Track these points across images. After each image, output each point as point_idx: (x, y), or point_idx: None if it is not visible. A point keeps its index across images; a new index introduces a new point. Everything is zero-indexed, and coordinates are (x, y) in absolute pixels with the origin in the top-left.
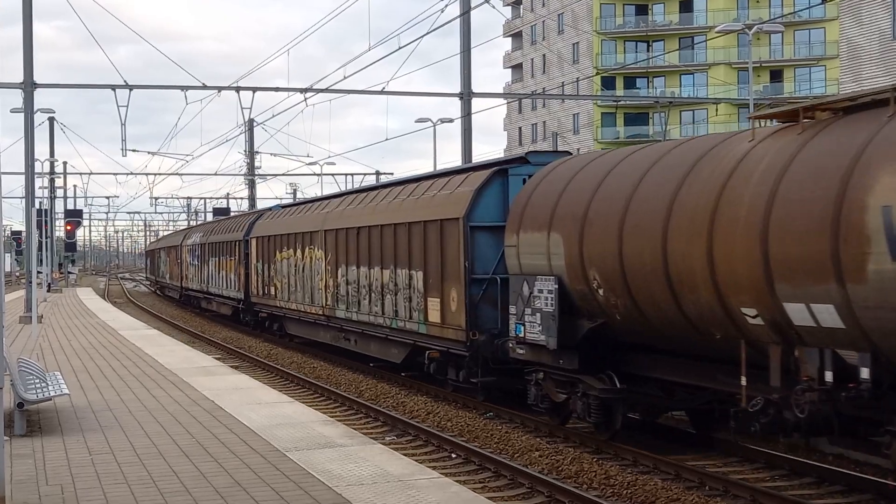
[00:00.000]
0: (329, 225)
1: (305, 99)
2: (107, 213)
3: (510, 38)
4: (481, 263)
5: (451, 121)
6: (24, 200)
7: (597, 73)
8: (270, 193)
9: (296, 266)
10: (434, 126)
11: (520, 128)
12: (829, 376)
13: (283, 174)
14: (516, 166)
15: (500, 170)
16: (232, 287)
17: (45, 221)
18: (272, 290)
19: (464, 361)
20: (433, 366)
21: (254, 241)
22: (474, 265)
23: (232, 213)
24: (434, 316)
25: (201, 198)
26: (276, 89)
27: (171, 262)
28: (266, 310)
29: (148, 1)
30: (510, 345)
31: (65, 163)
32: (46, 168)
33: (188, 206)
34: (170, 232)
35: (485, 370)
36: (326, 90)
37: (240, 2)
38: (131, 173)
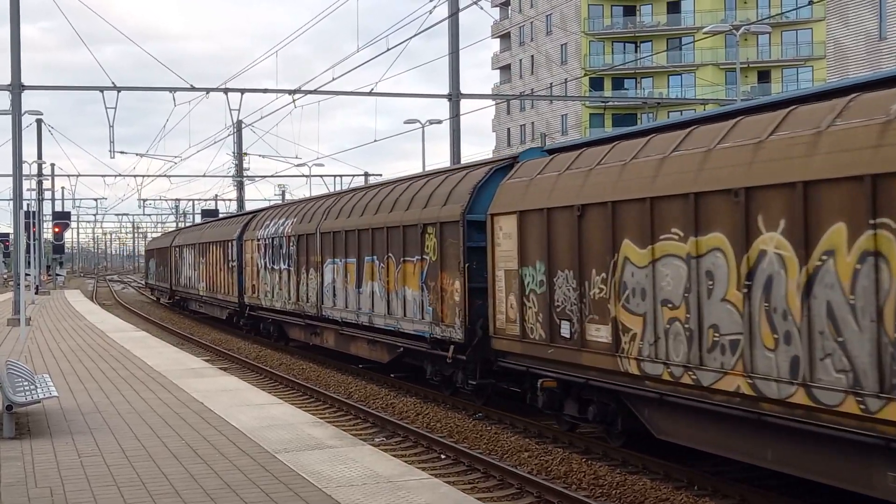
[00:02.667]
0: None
1: (294, 100)
2: (95, 215)
3: (498, 39)
4: None
5: (439, 122)
6: (11, 202)
7: (585, 74)
8: (259, 195)
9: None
10: (423, 127)
11: (508, 129)
12: None
13: (272, 176)
14: None
15: None
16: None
17: (33, 223)
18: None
19: None
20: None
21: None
22: None
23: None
24: None
25: (190, 199)
26: (265, 91)
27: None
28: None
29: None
30: None
31: (52, 164)
32: (34, 170)
33: (176, 207)
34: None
35: None
36: (315, 91)
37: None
38: (119, 175)
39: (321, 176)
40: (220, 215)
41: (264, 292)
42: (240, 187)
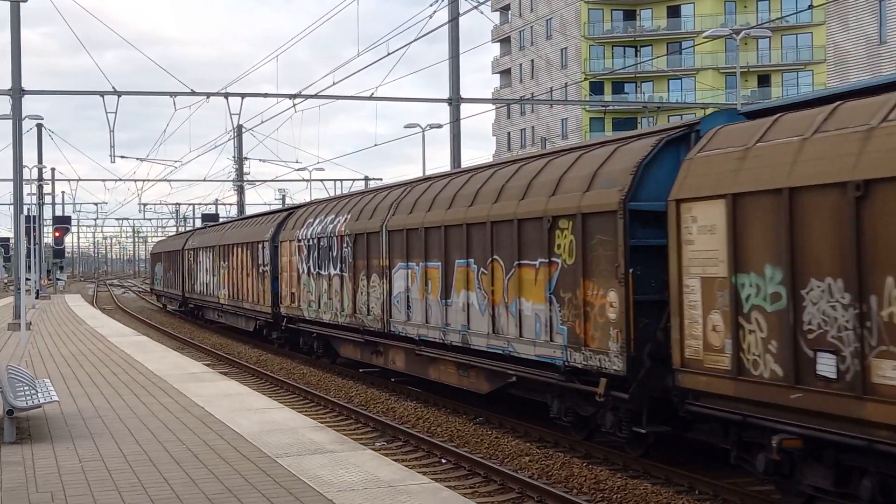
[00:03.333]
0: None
1: (294, 105)
2: (95, 219)
3: (499, 44)
4: None
5: (440, 126)
6: (12, 207)
7: (585, 79)
8: (260, 199)
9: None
10: (423, 131)
11: (508, 133)
12: None
13: (273, 180)
14: None
15: None
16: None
17: (34, 228)
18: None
19: None
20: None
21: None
22: None
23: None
24: None
25: (190, 204)
26: (265, 95)
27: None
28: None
29: (134, 6)
30: None
31: (53, 169)
32: (35, 175)
33: (177, 212)
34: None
35: None
36: (315, 96)
37: (226, 6)
38: (120, 179)
39: (322, 180)
40: (246, 214)
41: (307, 302)
42: (240, 192)
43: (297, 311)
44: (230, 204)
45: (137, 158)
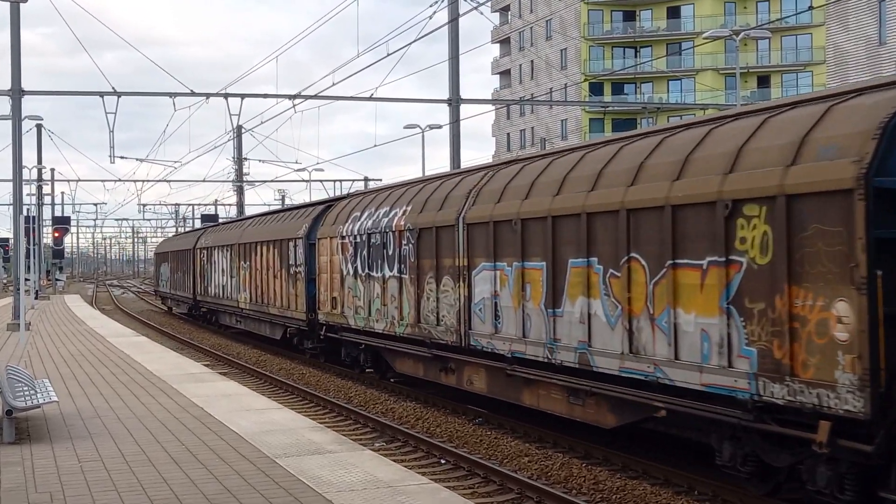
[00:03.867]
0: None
1: (294, 105)
2: (95, 219)
3: (498, 45)
4: None
5: (439, 127)
6: (11, 207)
7: (585, 79)
8: (259, 200)
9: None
10: (423, 132)
11: (508, 134)
12: None
13: (272, 181)
14: None
15: None
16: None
17: (33, 228)
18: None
19: None
20: None
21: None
22: None
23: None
24: None
25: (189, 204)
26: (265, 96)
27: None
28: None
29: (134, 6)
30: None
31: (52, 169)
32: (34, 175)
33: (176, 212)
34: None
35: None
36: (315, 97)
37: (226, 7)
38: (119, 180)
39: (321, 181)
40: (271, 209)
41: (353, 308)
42: (240, 192)
43: (340, 319)
44: (230, 204)
45: (137, 159)
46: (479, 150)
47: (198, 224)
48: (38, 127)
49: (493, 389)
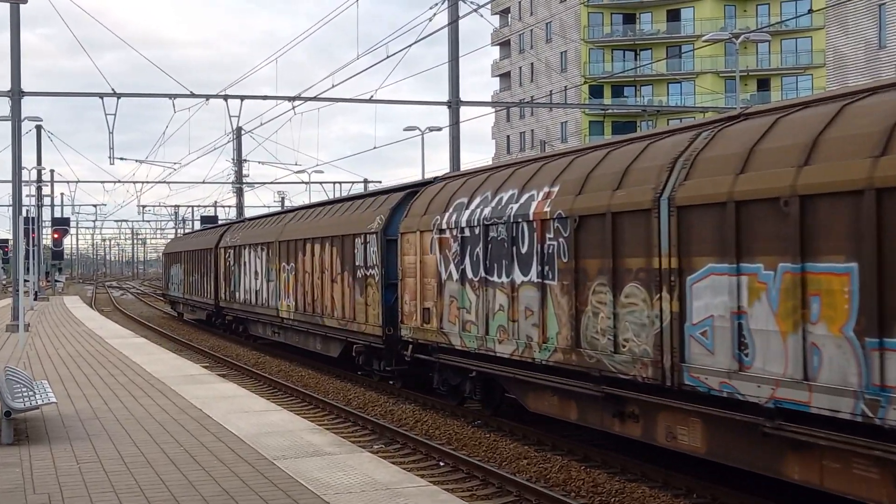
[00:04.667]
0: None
1: (294, 107)
2: (94, 221)
3: (498, 47)
4: None
5: (439, 129)
6: (10, 209)
7: (584, 82)
8: (259, 202)
9: None
10: (422, 134)
11: (508, 136)
12: None
13: (272, 182)
14: None
15: None
16: None
17: (32, 229)
18: None
19: None
20: None
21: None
22: None
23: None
24: None
25: (189, 206)
26: (264, 97)
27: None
28: None
29: (133, 7)
30: None
31: (52, 171)
32: (34, 176)
33: (176, 214)
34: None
35: None
36: (314, 98)
37: (225, 8)
38: (119, 181)
39: (321, 183)
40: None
41: (459, 323)
42: (239, 194)
43: (438, 337)
44: (229, 206)
45: (136, 160)
46: (479, 153)
47: (197, 226)
48: (38, 128)
49: (719, 450)
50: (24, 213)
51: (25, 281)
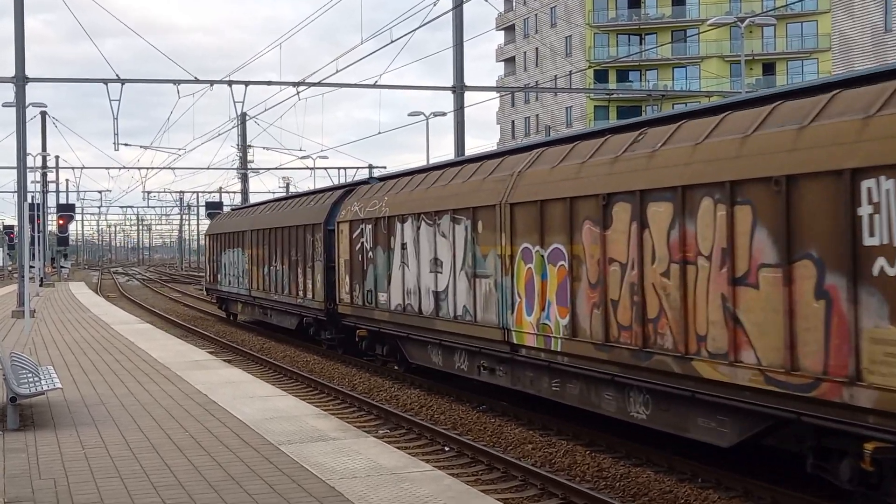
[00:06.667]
0: None
1: (298, 93)
2: (99, 207)
3: (503, 32)
4: None
5: (443, 114)
6: (16, 195)
7: (589, 67)
8: (263, 187)
9: None
10: (427, 120)
11: (513, 121)
12: None
13: (276, 168)
14: None
15: None
16: None
17: (38, 216)
18: None
19: None
20: None
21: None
22: None
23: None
24: None
25: (194, 192)
26: (269, 83)
27: None
28: None
29: None
30: None
31: (57, 157)
32: (38, 162)
33: (181, 200)
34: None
35: None
36: (319, 84)
37: None
38: (124, 167)
39: (325, 168)
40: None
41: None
42: (244, 179)
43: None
44: (234, 192)
45: (141, 146)
46: (483, 139)
47: (202, 212)
48: (43, 114)
49: None
50: (29, 200)
51: (31, 267)
